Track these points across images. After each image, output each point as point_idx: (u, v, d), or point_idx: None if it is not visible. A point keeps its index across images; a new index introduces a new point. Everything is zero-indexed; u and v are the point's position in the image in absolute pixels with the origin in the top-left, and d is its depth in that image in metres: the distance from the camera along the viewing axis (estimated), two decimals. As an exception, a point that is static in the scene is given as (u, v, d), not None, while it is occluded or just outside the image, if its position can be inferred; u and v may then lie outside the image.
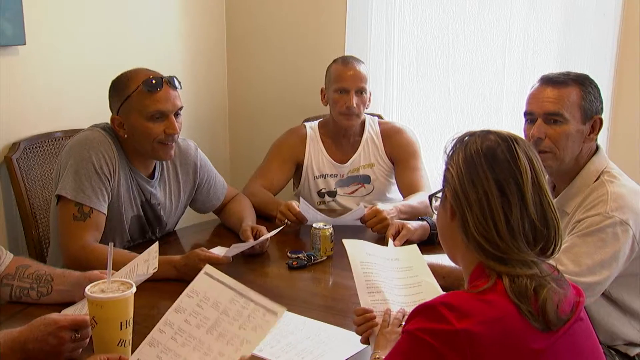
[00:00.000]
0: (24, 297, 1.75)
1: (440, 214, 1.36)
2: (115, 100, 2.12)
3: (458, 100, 3.13)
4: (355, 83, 2.65)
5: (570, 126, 1.86)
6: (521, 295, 1.17)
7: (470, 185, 1.23)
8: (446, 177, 1.29)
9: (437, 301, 1.18)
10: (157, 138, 2.08)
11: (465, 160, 1.25)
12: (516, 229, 1.21)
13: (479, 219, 1.22)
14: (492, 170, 1.23)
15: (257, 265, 2.12)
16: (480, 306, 1.16)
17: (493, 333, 1.13)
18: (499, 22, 2.99)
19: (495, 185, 1.22)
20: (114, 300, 1.38)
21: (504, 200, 1.21)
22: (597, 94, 1.89)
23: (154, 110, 2.06)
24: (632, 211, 1.77)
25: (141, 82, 2.06)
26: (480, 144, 1.26)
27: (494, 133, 1.28)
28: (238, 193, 2.58)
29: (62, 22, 2.64)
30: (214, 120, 3.61)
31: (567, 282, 1.27)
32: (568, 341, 1.20)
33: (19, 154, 2.45)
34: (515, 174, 1.23)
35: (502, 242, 1.21)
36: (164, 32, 3.20)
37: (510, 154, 1.24)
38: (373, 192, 2.80)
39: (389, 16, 3.13)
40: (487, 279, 1.21)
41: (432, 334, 1.14)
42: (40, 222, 2.49)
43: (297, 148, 2.81)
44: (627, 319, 1.88)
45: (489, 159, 1.24)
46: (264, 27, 3.48)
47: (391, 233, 2.20)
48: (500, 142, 1.25)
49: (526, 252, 1.21)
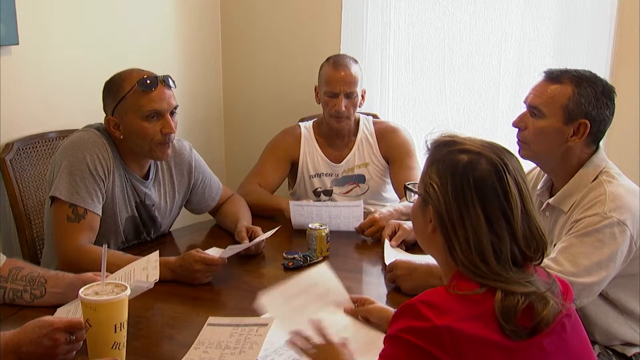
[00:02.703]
0: (17, 300, 1.73)
1: (417, 216, 1.34)
2: (110, 102, 2.10)
3: (454, 100, 3.13)
4: (344, 87, 2.64)
5: (547, 123, 1.84)
6: (507, 314, 1.15)
7: (458, 217, 1.22)
8: (429, 192, 1.26)
9: (416, 300, 1.19)
10: (154, 138, 2.07)
11: (454, 187, 1.23)
12: (504, 258, 1.21)
13: (466, 250, 1.21)
14: (482, 205, 1.21)
15: (252, 267, 2.11)
16: (460, 304, 1.17)
17: (474, 329, 1.14)
18: (495, 21, 2.99)
19: (485, 222, 1.21)
20: (108, 302, 1.38)
21: (492, 236, 1.21)
22: (593, 98, 1.81)
23: (150, 109, 2.05)
24: (630, 212, 1.76)
25: (135, 82, 2.04)
26: (472, 171, 1.23)
27: (484, 157, 1.24)
28: (233, 194, 2.57)
29: (55, 22, 2.63)
30: (209, 120, 3.60)
31: (557, 283, 1.27)
32: (554, 338, 1.20)
33: (12, 155, 2.44)
34: (504, 208, 1.21)
35: (490, 270, 1.20)
36: (158, 31, 3.19)
37: (501, 185, 1.22)
38: (368, 192, 2.80)
39: (384, 15, 3.13)
40: (475, 284, 1.20)
41: (414, 332, 1.15)
42: (34, 224, 2.48)
43: (291, 147, 2.80)
44: (624, 319, 1.88)
45: (479, 192, 1.21)
46: (259, 26, 3.48)
47: (387, 233, 2.20)
48: (492, 172, 1.23)
49: (516, 277, 1.20)
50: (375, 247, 2.25)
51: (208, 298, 1.87)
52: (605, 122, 1.86)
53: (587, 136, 1.84)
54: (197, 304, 1.82)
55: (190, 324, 1.66)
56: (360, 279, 2.12)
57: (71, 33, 2.70)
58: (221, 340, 1.51)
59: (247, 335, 1.49)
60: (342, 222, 2.36)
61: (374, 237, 2.31)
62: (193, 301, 1.84)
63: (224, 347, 1.49)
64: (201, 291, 1.90)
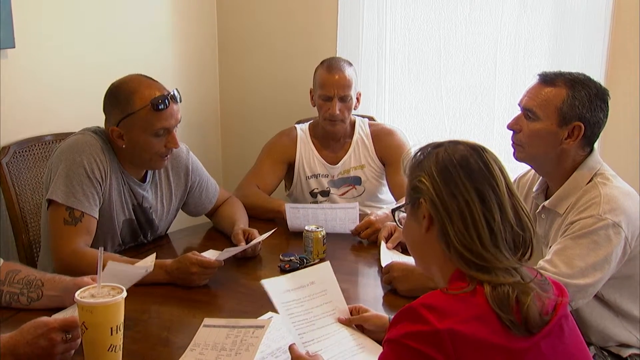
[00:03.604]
0: (13, 303, 1.73)
1: (410, 226, 1.35)
2: (116, 113, 2.07)
3: (450, 102, 3.14)
4: (338, 90, 2.64)
5: (542, 125, 1.85)
6: (502, 304, 1.17)
7: (450, 196, 1.24)
8: (418, 188, 1.28)
9: (417, 303, 1.19)
10: (157, 151, 2.09)
11: (440, 171, 1.26)
12: (499, 236, 1.22)
13: (461, 230, 1.23)
14: (469, 179, 1.24)
15: (249, 269, 2.11)
16: (460, 305, 1.17)
17: (475, 331, 1.14)
18: (490, 24, 3.00)
19: (475, 193, 1.23)
20: (104, 305, 1.37)
21: (484, 209, 1.23)
22: (587, 100, 1.82)
23: (160, 127, 2.05)
24: (625, 213, 1.77)
25: (149, 102, 2.02)
26: (452, 154, 1.27)
27: (462, 143, 1.29)
28: (230, 196, 2.57)
29: (51, 26, 2.63)
30: (206, 122, 3.60)
31: (550, 283, 1.28)
32: (551, 340, 1.20)
33: (8, 158, 2.44)
34: (490, 181, 1.25)
35: (486, 251, 1.22)
36: (155, 34, 3.19)
37: (483, 162, 1.26)
38: (364, 194, 2.80)
39: (380, 18, 3.13)
40: (466, 282, 1.22)
41: (415, 337, 1.15)
42: (30, 227, 2.48)
43: (288, 149, 2.81)
44: (620, 321, 1.88)
45: (465, 168, 1.25)
46: (256, 29, 3.48)
47: (383, 235, 2.20)
48: (472, 151, 1.27)
49: (509, 260, 1.22)
50: (372, 249, 2.26)
51: (204, 300, 1.87)
52: (599, 125, 1.87)
53: (581, 139, 1.85)
54: (194, 306, 1.82)
55: (186, 327, 1.66)
56: (356, 281, 2.12)
57: (67, 36, 2.70)
58: (217, 341, 1.51)
59: (243, 337, 1.48)
60: (337, 224, 2.37)
61: (370, 239, 2.32)
62: (189, 304, 1.84)
63: (220, 348, 1.49)
64: (198, 294, 1.90)
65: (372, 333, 1.60)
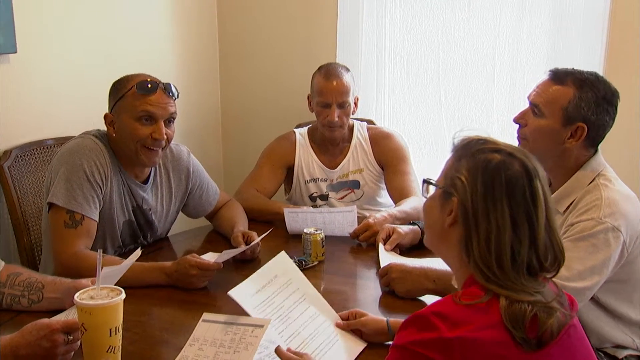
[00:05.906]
0: (14, 305, 1.75)
1: (434, 207, 1.32)
2: (111, 99, 2.13)
3: (449, 105, 3.15)
4: (337, 97, 2.65)
5: (546, 122, 1.85)
6: (516, 321, 1.14)
7: (483, 214, 1.21)
8: (456, 184, 1.25)
9: (428, 311, 1.18)
10: (141, 140, 2.08)
11: (484, 182, 1.22)
12: (520, 264, 1.20)
13: (483, 249, 1.20)
14: (509, 205, 1.20)
15: (248, 271, 2.07)
16: (472, 314, 1.16)
17: (485, 341, 1.13)
18: (489, 27, 3.01)
19: (510, 221, 1.20)
20: (103, 306, 1.38)
21: (514, 238, 1.20)
22: (594, 102, 1.81)
23: (142, 110, 2.06)
24: (625, 218, 1.76)
25: (136, 84, 2.07)
26: (504, 169, 1.22)
27: (517, 160, 1.24)
28: (230, 199, 2.58)
29: (53, 31, 2.65)
30: (206, 125, 3.61)
31: (565, 295, 1.27)
32: (561, 348, 1.20)
33: (10, 162, 2.45)
34: (531, 212, 1.21)
35: (503, 273, 1.19)
36: (156, 38, 3.21)
37: (531, 189, 1.21)
38: (363, 197, 2.81)
39: (379, 21, 3.15)
40: (481, 290, 1.20)
41: (424, 344, 1.15)
42: (32, 230, 2.49)
43: (287, 153, 2.82)
44: (616, 323, 1.88)
45: (510, 190, 1.21)
46: (256, 32, 3.50)
47: (382, 237, 2.21)
48: (524, 175, 1.22)
49: (526, 285, 1.19)
50: (370, 251, 2.26)
51: (204, 303, 1.88)
52: (604, 127, 1.86)
53: (584, 139, 1.84)
54: (193, 308, 1.82)
55: (185, 329, 1.66)
56: (355, 282, 2.13)
57: (69, 41, 2.72)
58: (216, 337, 1.51)
59: (242, 335, 1.48)
60: (336, 228, 2.37)
61: (368, 241, 2.32)
62: (189, 306, 1.85)
63: (219, 345, 1.49)
64: (197, 296, 1.91)
65: (370, 337, 1.60)
